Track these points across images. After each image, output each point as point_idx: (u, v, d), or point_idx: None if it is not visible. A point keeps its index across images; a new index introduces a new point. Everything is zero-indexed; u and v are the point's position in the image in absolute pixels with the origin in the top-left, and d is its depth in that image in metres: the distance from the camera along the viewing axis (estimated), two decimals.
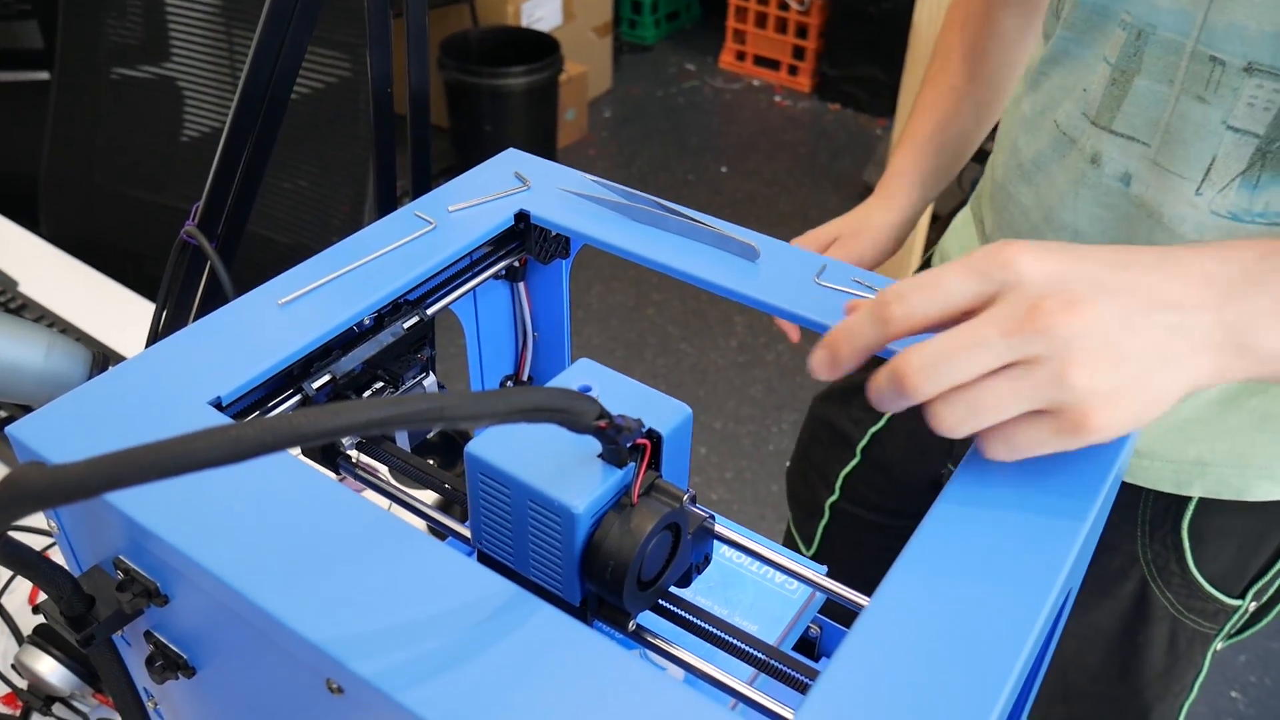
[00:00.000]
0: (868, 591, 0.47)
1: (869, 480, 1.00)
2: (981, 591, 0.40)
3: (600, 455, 0.44)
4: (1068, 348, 0.41)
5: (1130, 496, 0.80)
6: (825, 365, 0.46)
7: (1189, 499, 0.78)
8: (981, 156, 0.98)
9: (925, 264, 1.01)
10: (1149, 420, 0.43)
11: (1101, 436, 0.42)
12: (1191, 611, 0.83)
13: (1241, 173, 0.64)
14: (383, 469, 0.59)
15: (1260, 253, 0.45)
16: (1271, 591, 0.84)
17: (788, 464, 1.13)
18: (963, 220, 0.93)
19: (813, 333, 0.52)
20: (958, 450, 0.89)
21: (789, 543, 1.12)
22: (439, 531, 0.56)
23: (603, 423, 0.40)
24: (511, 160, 0.67)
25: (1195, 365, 0.43)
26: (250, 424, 0.30)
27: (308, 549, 0.41)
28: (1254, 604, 0.84)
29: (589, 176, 0.65)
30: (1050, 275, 0.42)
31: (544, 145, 3.15)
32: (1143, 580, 0.82)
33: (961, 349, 0.41)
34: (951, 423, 0.43)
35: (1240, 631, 0.88)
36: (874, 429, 0.97)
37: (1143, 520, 0.80)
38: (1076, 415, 0.41)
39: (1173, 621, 0.84)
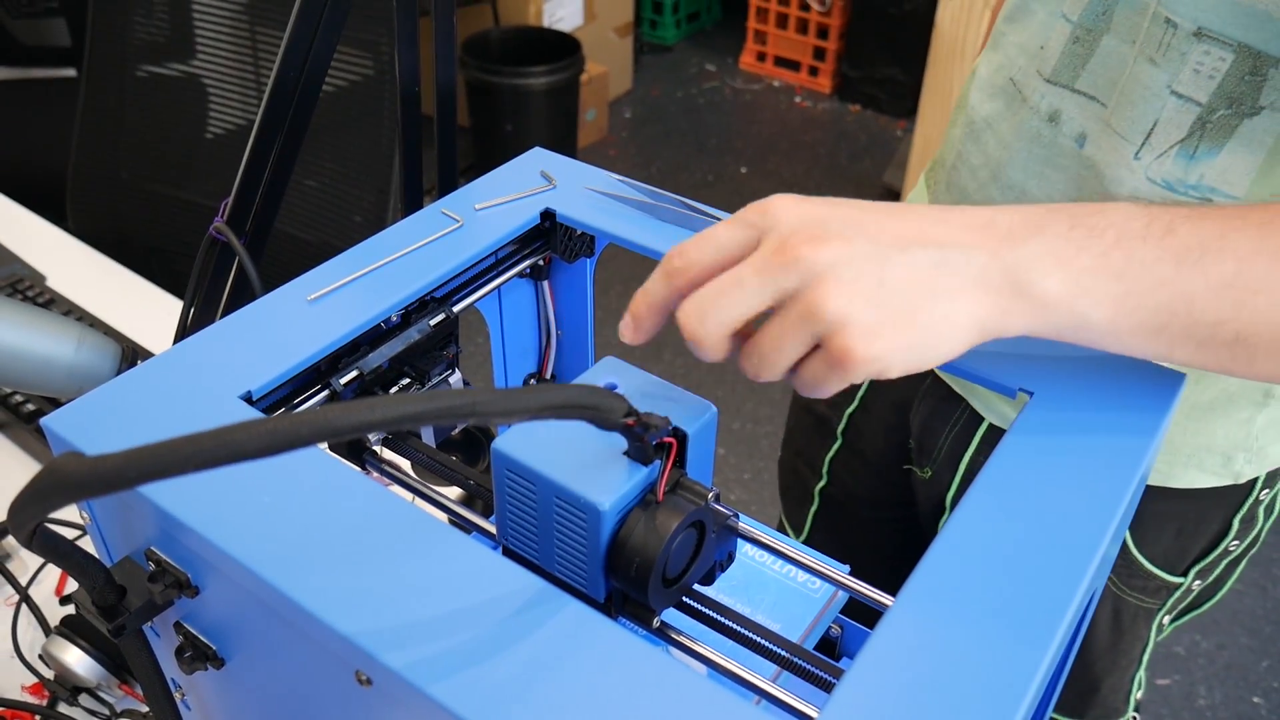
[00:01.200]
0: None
1: (849, 465, 1.00)
2: (1006, 593, 0.40)
3: (626, 452, 0.45)
4: (818, 278, 0.42)
5: None
6: (629, 328, 0.48)
7: None
8: None
9: None
10: (932, 358, 0.44)
11: (874, 368, 0.43)
12: (1133, 589, 0.84)
13: (1180, 141, 0.64)
14: (406, 464, 0.59)
15: (1049, 207, 0.46)
16: (1217, 572, 0.85)
17: (779, 455, 1.13)
18: (915, 191, 0.94)
19: None
20: (914, 426, 0.90)
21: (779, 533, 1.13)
22: (463, 526, 0.57)
23: (630, 420, 0.40)
24: (537, 159, 0.68)
25: (970, 301, 0.44)
26: (286, 418, 0.30)
27: (338, 542, 0.41)
28: (1198, 582, 0.85)
29: (614, 176, 0.65)
30: (805, 216, 0.44)
31: (564, 145, 3.15)
32: None
33: (724, 290, 0.43)
34: (752, 372, 0.45)
35: (1190, 610, 0.89)
36: (849, 410, 0.97)
37: None
38: (839, 346, 0.42)
39: (1115, 599, 0.84)
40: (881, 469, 0.97)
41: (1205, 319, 0.45)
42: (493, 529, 0.53)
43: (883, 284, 0.42)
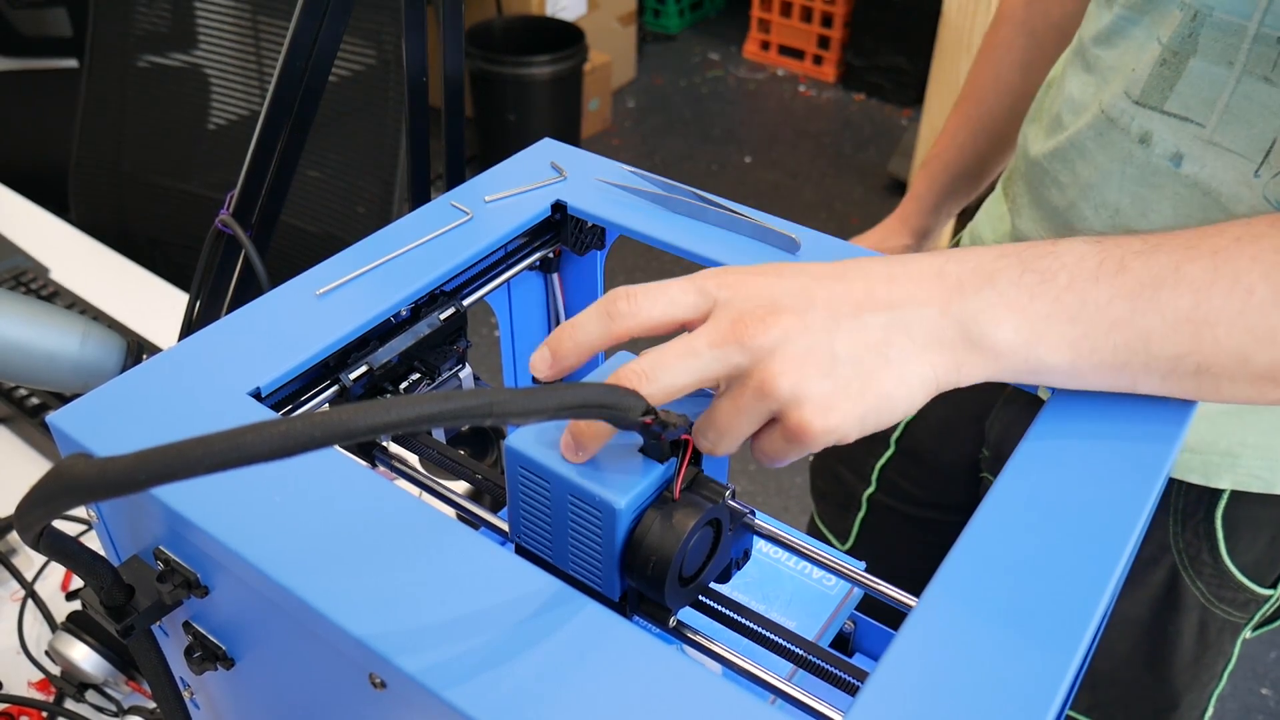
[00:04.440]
0: (910, 584, 0.47)
1: (905, 471, 0.99)
2: (1031, 592, 0.40)
3: (641, 449, 0.44)
4: (769, 356, 0.42)
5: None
6: (544, 362, 0.45)
7: (1221, 490, 0.78)
8: None
9: (955, 246, 1.01)
10: (888, 420, 0.44)
11: (830, 439, 0.43)
12: (1222, 601, 0.82)
13: None
14: (413, 458, 0.58)
15: (1000, 252, 0.46)
16: None
17: (810, 459, 1.12)
18: (994, 199, 0.93)
19: None
20: (991, 435, 0.89)
21: (814, 538, 1.11)
22: (471, 522, 0.56)
23: (648, 419, 0.40)
24: (547, 150, 0.67)
25: (925, 362, 0.44)
26: (300, 419, 0.29)
27: (350, 542, 0.41)
28: None
29: (625, 167, 0.64)
30: (757, 290, 0.44)
31: (568, 135, 3.14)
32: (1173, 569, 0.81)
33: (676, 357, 0.43)
34: (708, 447, 0.45)
35: (1270, 621, 0.87)
36: (908, 418, 0.96)
37: (1175, 509, 0.80)
38: (795, 421, 0.42)
39: (1203, 611, 0.83)
40: (946, 476, 0.96)
41: (1165, 353, 0.45)
42: (501, 524, 0.52)
43: (835, 356, 0.43)
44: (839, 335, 0.43)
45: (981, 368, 0.45)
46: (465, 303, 0.60)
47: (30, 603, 0.83)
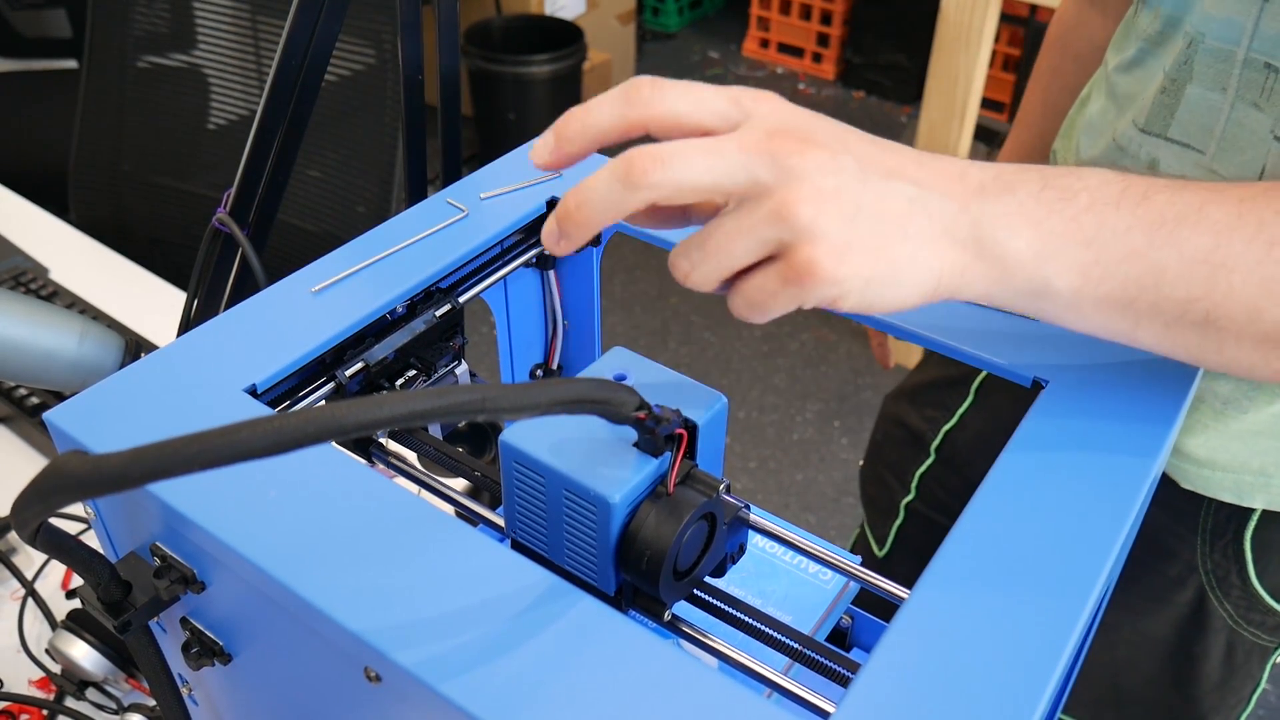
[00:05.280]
0: None
1: (943, 481, 0.98)
2: (1023, 586, 0.40)
3: (636, 444, 0.44)
4: (797, 179, 0.39)
5: (1191, 505, 0.78)
6: (546, 148, 0.43)
7: (1252, 510, 0.77)
8: None
9: None
10: (887, 300, 0.42)
11: (832, 292, 0.40)
12: (1250, 624, 0.81)
13: None
14: (411, 455, 0.59)
15: (1024, 167, 0.44)
16: None
17: (860, 464, 1.12)
18: None
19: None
20: None
21: (861, 545, 1.11)
22: (469, 518, 0.56)
23: (642, 414, 0.40)
24: None
25: (935, 251, 0.42)
26: (293, 415, 0.30)
27: (346, 537, 0.41)
28: None
29: None
30: (795, 117, 0.42)
31: None
32: (1201, 590, 0.80)
33: (699, 151, 0.40)
34: (685, 269, 0.42)
35: None
36: (947, 427, 0.96)
37: (1203, 529, 0.79)
38: (804, 257, 0.39)
39: (1230, 633, 0.81)
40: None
41: (1176, 295, 0.42)
42: (500, 521, 0.52)
43: (860, 207, 0.40)
44: (867, 189, 0.40)
45: (986, 279, 0.43)
46: (461, 299, 0.60)
47: (30, 601, 0.84)
